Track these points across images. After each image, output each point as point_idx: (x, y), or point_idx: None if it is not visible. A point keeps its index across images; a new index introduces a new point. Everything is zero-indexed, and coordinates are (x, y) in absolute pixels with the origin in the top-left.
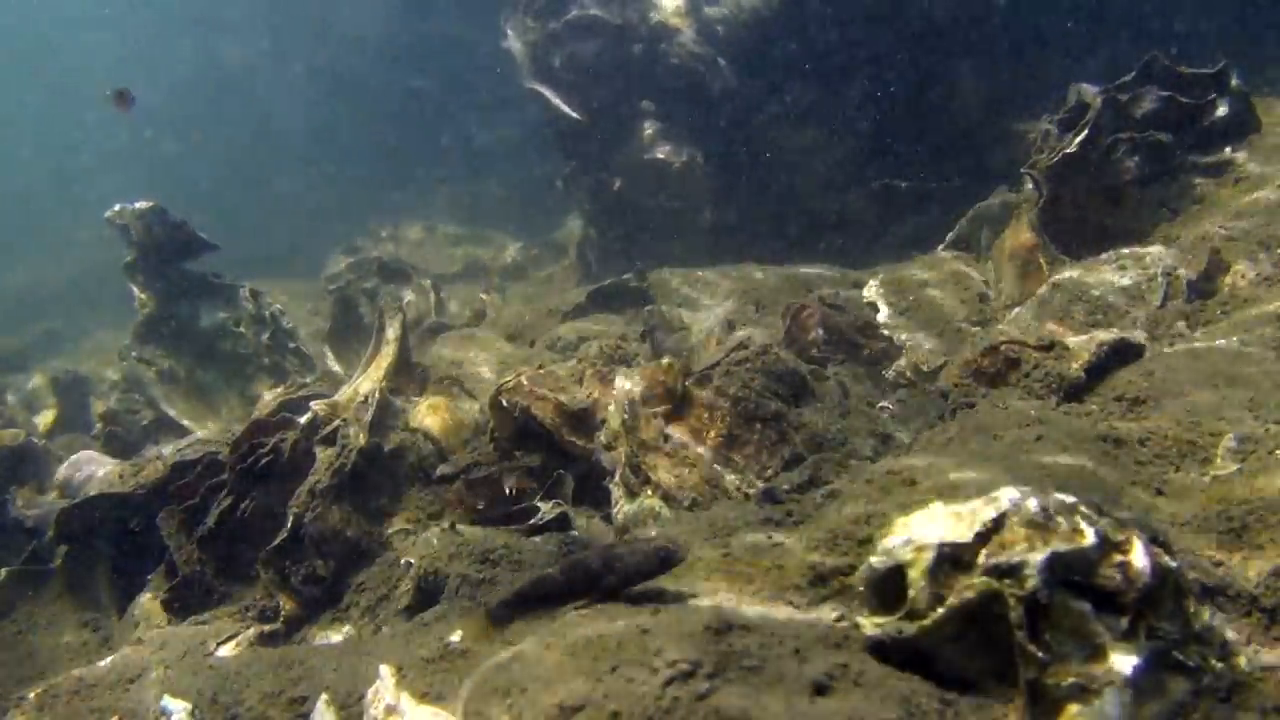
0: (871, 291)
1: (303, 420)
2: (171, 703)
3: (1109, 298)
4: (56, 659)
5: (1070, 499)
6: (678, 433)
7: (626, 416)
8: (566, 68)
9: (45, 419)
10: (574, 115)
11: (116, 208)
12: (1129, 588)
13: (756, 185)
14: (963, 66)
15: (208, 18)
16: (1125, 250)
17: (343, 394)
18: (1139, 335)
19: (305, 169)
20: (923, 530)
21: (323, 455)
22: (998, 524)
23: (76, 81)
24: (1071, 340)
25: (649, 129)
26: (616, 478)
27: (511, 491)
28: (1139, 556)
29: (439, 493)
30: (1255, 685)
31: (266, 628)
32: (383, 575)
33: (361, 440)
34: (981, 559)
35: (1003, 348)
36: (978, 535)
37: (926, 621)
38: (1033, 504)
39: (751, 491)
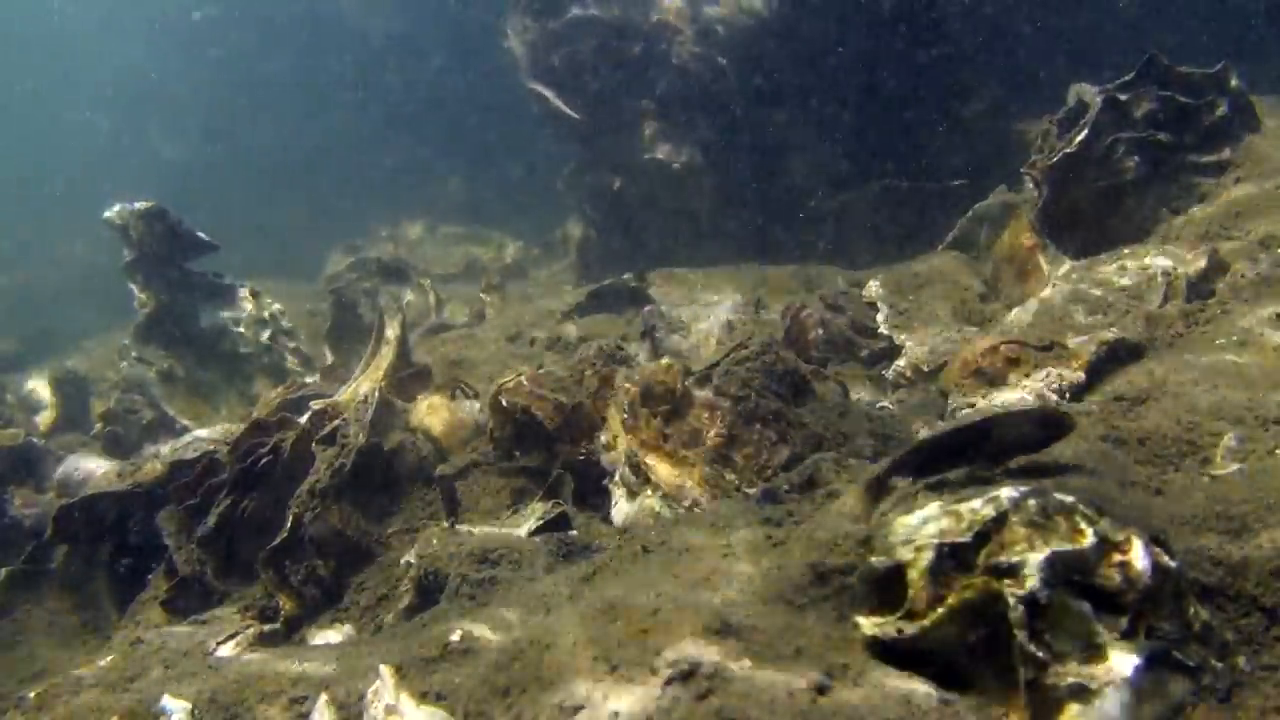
0: (871, 291)
1: (302, 420)
2: (171, 703)
3: (1109, 298)
4: (56, 659)
5: (1070, 498)
6: (678, 433)
7: (627, 416)
8: (566, 68)
9: (45, 419)
10: (573, 115)
11: (116, 208)
12: (1129, 588)
13: (757, 185)
14: (963, 66)
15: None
16: (1125, 250)
17: (342, 394)
18: (1139, 335)
19: (308, 167)
20: (922, 530)
21: (323, 455)
22: (998, 523)
23: (76, 77)
24: (1071, 340)
25: (649, 129)
26: (616, 478)
27: None
28: (1139, 556)
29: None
30: (1255, 685)
31: (266, 628)
32: (383, 575)
33: (361, 440)
34: (981, 558)
35: (1003, 348)
36: (977, 535)
37: (926, 621)
38: (1033, 503)
39: (751, 491)
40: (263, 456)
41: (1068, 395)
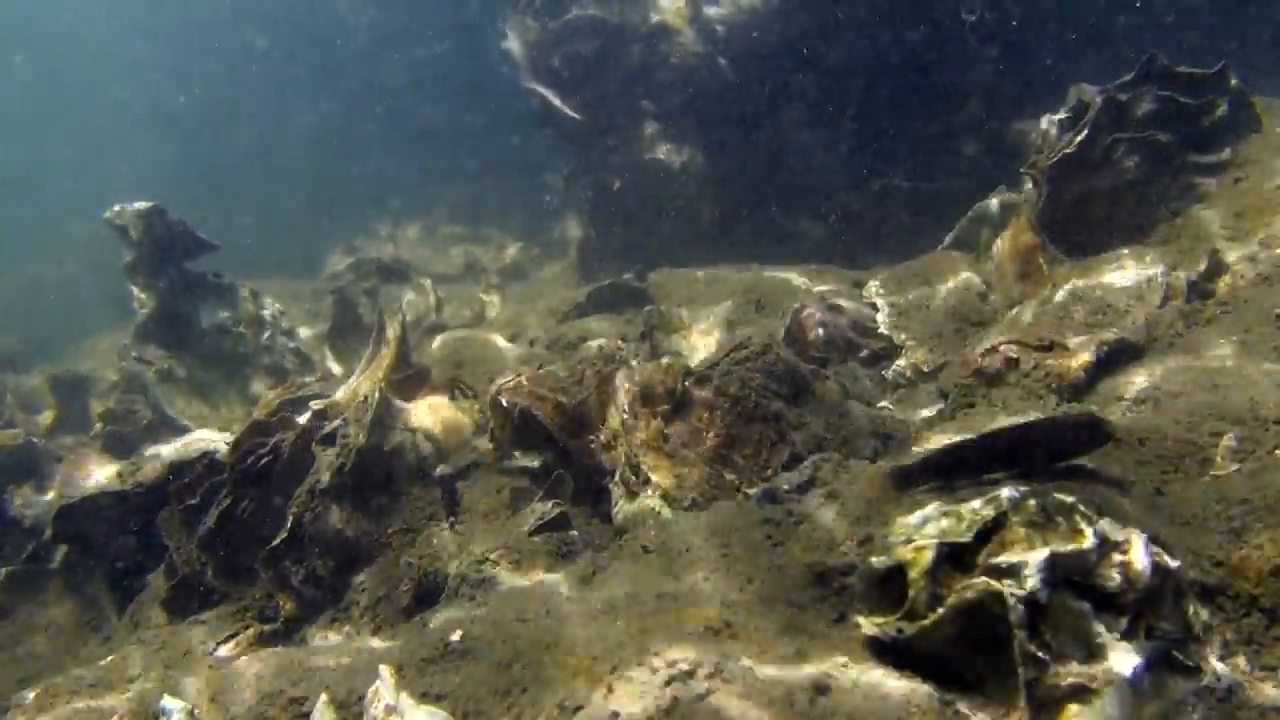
0: (871, 291)
1: (302, 420)
2: (171, 703)
3: (1109, 298)
4: (56, 659)
5: (1070, 499)
6: (677, 433)
7: (626, 416)
8: (566, 68)
9: (45, 419)
10: (574, 115)
11: (116, 208)
12: (1129, 588)
13: (757, 185)
14: (964, 65)
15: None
16: (1125, 250)
17: (342, 394)
18: (1139, 335)
19: (307, 168)
20: (923, 530)
21: (323, 455)
22: (998, 524)
23: (75, 77)
24: (1071, 340)
25: (649, 129)
26: (616, 478)
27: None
28: (1139, 556)
29: None
30: (1255, 685)
31: (266, 628)
32: (383, 575)
33: (361, 440)
34: (981, 559)
35: (1003, 348)
36: (978, 535)
37: (926, 621)
38: (1033, 503)
39: (751, 491)
40: (263, 456)
41: (1068, 395)
